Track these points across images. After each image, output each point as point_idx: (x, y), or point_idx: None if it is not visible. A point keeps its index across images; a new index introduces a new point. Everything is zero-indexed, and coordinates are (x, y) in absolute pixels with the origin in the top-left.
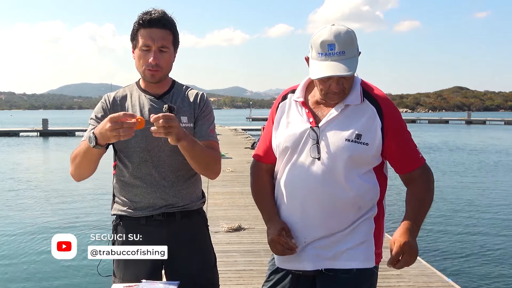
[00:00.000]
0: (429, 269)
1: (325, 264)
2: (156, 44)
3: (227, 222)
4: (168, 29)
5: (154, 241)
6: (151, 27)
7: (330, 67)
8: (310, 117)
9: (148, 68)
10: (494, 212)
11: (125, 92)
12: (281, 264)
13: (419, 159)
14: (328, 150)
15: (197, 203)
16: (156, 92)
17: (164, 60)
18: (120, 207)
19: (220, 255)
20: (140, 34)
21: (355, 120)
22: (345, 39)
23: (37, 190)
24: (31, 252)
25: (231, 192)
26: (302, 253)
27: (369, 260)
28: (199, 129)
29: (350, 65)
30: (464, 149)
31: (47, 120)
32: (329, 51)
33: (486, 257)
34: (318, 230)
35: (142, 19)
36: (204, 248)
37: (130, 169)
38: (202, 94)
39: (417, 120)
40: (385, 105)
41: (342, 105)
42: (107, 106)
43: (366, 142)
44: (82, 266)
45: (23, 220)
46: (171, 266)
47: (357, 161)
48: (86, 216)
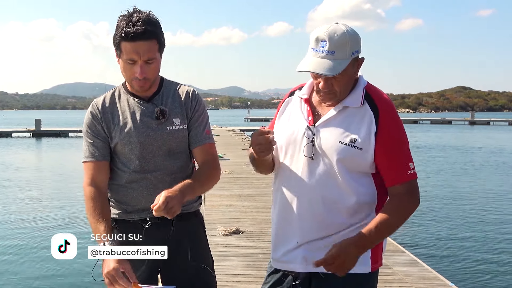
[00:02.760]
0: (432, 273)
1: (318, 268)
2: (142, 58)
3: (224, 225)
4: (154, 38)
5: (151, 244)
6: (135, 41)
7: (313, 63)
8: (310, 115)
9: (136, 81)
10: (499, 216)
11: (112, 97)
12: (275, 264)
13: (406, 175)
14: (322, 150)
15: (194, 205)
16: (144, 95)
17: (151, 71)
18: (115, 211)
19: (218, 259)
20: (124, 46)
21: (353, 123)
22: (339, 40)
23: (34, 191)
24: (28, 253)
25: (229, 195)
26: (294, 254)
27: (363, 265)
28: (195, 133)
29: (335, 66)
30: (468, 151)
31: (40, 120)
32: (320, 48)
33: (491, 262)
34: (310, 232)
35: (125, 32)
36: (202, 251)
37: (125, 174)
38: (193, 91)
39: (419, 121)
40: (383, 111)
41: (341, 106)
42: (97, 115)
43: (360, 147)
44: (80, 267)
45: (20, 221)
46: (167, 270)
47: (349, 165)
48: (83, 218)
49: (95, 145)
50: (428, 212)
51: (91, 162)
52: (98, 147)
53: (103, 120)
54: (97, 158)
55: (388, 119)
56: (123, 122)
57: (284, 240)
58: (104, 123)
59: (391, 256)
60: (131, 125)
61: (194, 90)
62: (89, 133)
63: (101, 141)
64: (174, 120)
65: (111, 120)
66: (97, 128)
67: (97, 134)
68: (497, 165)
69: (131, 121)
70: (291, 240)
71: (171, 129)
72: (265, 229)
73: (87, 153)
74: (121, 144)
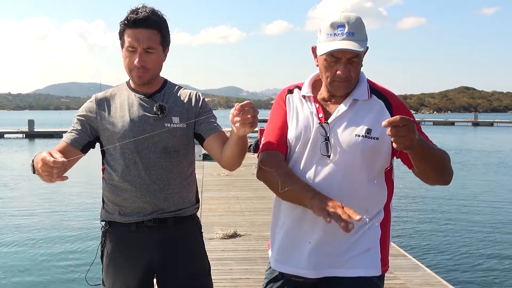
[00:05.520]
0: (434, 278)
1: (327, 272)
2: (142, 46)
3: (222, 228)
4: (155, 28)
5: (145, 248)
6: (136, 28)
7: (339, 44)
8: (320, 113)
9: (135, 70)
10: (503, 220)
11: (114, 92)
12: (278, 267)
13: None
14: (339, 147)
15: (190, 209)
16: (146, 91)
17: (151, 61)
18: (109, 213)
19: (215, 263)
20: (126, 34)
21: (364, 115)
22: (356, 22)
23: (29, 194)
24: (23, 260)
25: (227, 197)
26: (304, 259)
27: (374, 268)
28: (208, 123)
29: (360, 45)
30: (472, 153)
31: (33, 121)
32: (338, 31)
33: (494, 267)
34: (323, 232)
35: (128, 18)
36: (198, 255)
37: (119, 172)
38: (197, 93)
39: (421, 122)
40: (392, 100)
41: (350, 100)
42: (94, 105)
43: (376, 136)
44: (74, 273)
45: (16, 224)
46: (163, 274)
47: (369, 157)
48: (77, 223)
49: (76, 132)
50: (430, 216)
51: (65, 142)
52: (78, 135)
53: (98, 110)
54: (72, 143)
55: (400, 106)
56: (121, 115)
57: (294, 242)
58: (98, 117)
59: (393, 260)
60: (128, 118)
61: (198, 93)
62: (77, 117)
63: (83, 132)
64: (173, 118)
65: (107, 113)
66: (85, 121)
67: (82, 125)
68: (502, 168)
69: (128, 115)
70: (302, 241)
71: (169, 126)
72: (263, 232)
73: (67, 135)
74: (116, 136)
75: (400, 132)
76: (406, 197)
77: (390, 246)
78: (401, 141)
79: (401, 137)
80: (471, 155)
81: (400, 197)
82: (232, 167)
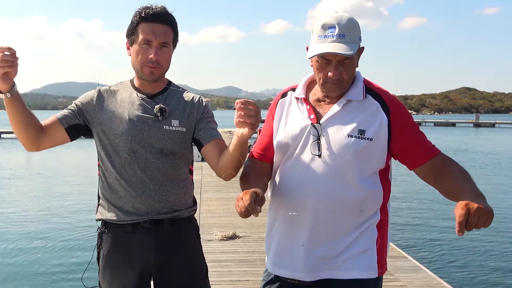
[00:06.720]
0: (435, 279)
1: (323, 274)
2: (158, 40)
3: (221, 230)
4: (170, 25)
5: (142, 250)
6: (153, 22)
7: (328, 47)
8: (311, 114)
9: (148, 65)
10: (505, 221)
11: (118, 88)
12: (274, 270)
13: (435, 149)
14: (330, 147)
15: (187, 211)
16: (149, 92)
17: (164, 56)
18: (104, 212)
19: (214, 264)
20: (141, 28)
21: (358, 116)
22: (347, 24)
23: (25, 195)
24: (18, 261)
25: (225, 198)
26: (300, 261)
27: (370, 270)
28: (208, 130)
29: (350, 48)
30: (473, 154)
31: None
32: (329, 33)
33: (496, 268)
34: (317, 234)
35: (145, 12)
36: (195, 257)
37: (114, 169)
38: (200, 98)
39: (422, 123)
40: (389, 100)
41: (344, 100)
42: (96, 95)
43: (369, 137)
44: (70, 274)
45: (11, 225)
46: (159, 276)
47: (361, 158)
48: (72, 224)
49: (68, 111)
50: (431, 217)
51: (54, 117)
52: (69, 114)
53: (97, 101)
54: (59, 119)
55: (397, 106)
56: (120, 112)
57: (289, 245)
58: (97, 107)
59: (393, 262)
60: (127, 116)
61: (201, 97)
62: (74, 104)
63: (75, 114)
64: (172, 121)
65: (107, 106)
66: (82, 106)
67: (77, 108)
68: (504, 170)
69: (127, 113)
70: (296, 244)
71: (167, 128)
72: (262, 234)
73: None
74: (113, 132)
75: (480, 225)
76: (406, 199)
77: (389, 247)
78: (487, 224)
79: (486, 223)
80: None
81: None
82: (227, 176)
